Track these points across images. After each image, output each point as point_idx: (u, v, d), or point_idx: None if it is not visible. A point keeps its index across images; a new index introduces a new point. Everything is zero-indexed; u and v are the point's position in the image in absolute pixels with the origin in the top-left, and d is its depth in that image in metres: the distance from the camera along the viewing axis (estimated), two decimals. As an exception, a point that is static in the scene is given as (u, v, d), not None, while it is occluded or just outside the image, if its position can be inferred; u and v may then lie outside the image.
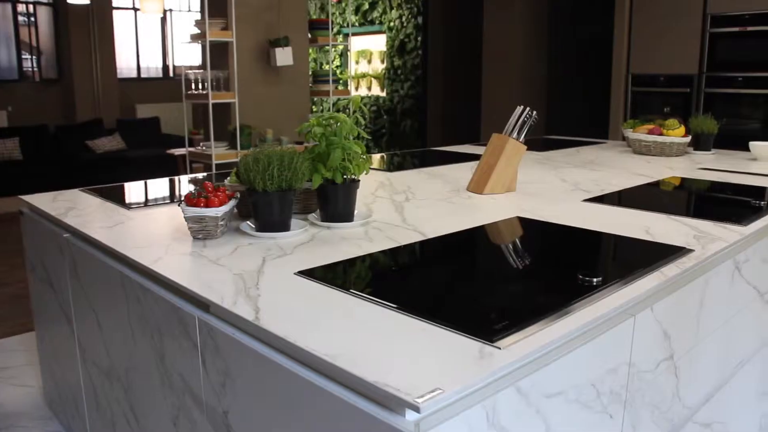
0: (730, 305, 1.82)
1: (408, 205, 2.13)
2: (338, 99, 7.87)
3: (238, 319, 1.21)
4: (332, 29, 5.59)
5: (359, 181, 1.88)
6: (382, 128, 8.26)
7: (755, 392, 2.27)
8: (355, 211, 1.90)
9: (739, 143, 3.77)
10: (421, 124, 7.68)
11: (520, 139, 2.31)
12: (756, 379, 2.24)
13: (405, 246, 1.63)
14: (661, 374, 1.48)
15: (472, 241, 1.71)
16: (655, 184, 2.61)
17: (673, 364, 1.54)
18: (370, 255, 1.55)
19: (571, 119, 6.97)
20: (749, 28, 5.09)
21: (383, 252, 1.58)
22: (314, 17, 7.91)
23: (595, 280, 1.33)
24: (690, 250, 1.60)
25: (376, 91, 8.46)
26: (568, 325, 1.13)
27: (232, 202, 1.78)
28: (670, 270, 1.45)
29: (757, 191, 2.56)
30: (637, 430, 1.43)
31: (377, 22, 8.27)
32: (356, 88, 8.71)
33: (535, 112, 2.33)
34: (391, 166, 3.06)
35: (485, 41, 6.61)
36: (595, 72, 6.74)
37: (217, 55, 4.85)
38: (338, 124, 1.85)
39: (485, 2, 6.58)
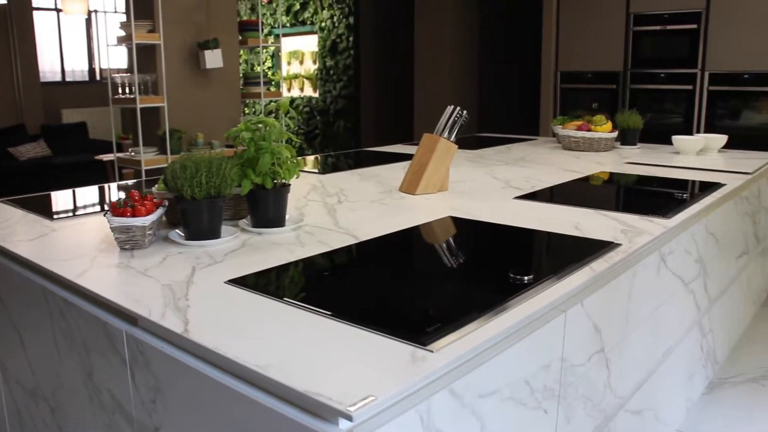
0: (656, 296, 1.87)
1: (340, 208, 2.11)
2: (270, 101, 7.80)
3: (167, 332, 1.18)
4: (262, 30, 5.53)
5: (290, 185, 1.86)
6: (316, 129, 8.22)
7: (682, 378, 2.34)
8: (287, 216, 1.88)
9: (663, 137, 3.88)
10: (354, 125, 7.68)
11: (451, 139, 2.32)
12: (682, 365, 2.32)
13: (337, 250, 1.62)
14: (592, 367, 1.51)
15: (405, 243, 1.71)
16: (584, 180, 2.66)
17: (604, 357, 1.57)
18: (302, 260, 1.54)
19: (504, 117, 7.07)
20: (669, 27, 5.25)
21: (315, 257, 1.56)
22: (245, 18, 7.80)
23: (526, 278, 1.34)
24: (618, 245, 1.64)
25: (309, 91, 8.41)
26: (500, 325, 1.14)
27: (160, 211, 1.74)
28: (599, 265, 1.48)
29: (681, 184, 2.64)
30: (571, 424, 1.45)
31: (308, 22, 8.23)
32: (289, 90, 8.64)
33: (465, 112, 2.34)
34: (324, 168, 3.04)
35: (416, 40, 6.65)
36: (526, 69, 6.85)
37: (144, 57, 4.74)
38: (267, 128, 1.82)
39: (416, 3, 6.61)
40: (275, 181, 1.82)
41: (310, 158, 3.41)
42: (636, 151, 3.63)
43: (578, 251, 1.56)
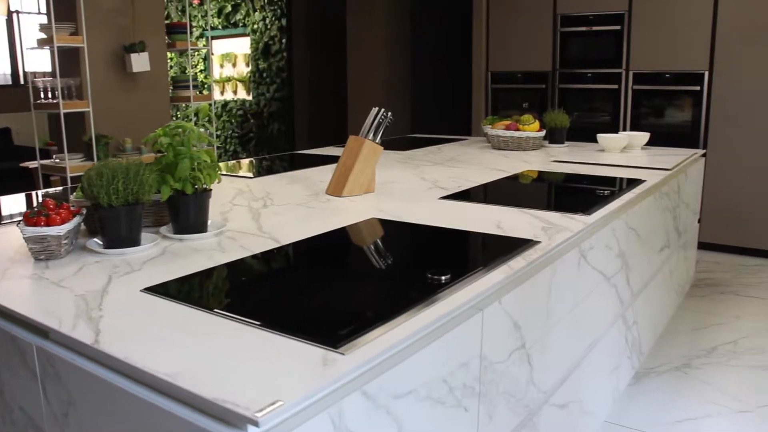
0: (578, 291, 1.92)
1: (265, 212, 2.10)
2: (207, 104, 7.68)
3: (78, 344, 1.15)
4: (191, 33, 5.45)
5: (211, 190, 1.84)
6: (250, 132, 8.14)
7: (607, 369, 2.40)
8: (209, 221, 1.86)
9: (592, 136, 3.97)
10: (288, 127, 7.63)
11: (377, 141, 2.33)
12: (607, 357, 2.37)
13: (257, 255, 1.61)
14: (514, 363, 1.53)
15: (325, 246, 1.71)
16: (510, 179, 2.70)
17: (526, 353, 1.59)
18: (221, 266, 1.52)
19: (438, 117, 7.13)
20: (594, 28, 5.38)
21: (234, 262, 1.55)
22: (176, 20, 7.66)
23: (443, 277, 1.35)
24: (537, 242, 1.67)
25: (242, 94, 8.32)
26: (414, 325, 1.15)
27: (77, 219, 1.69)
28: (517, 263, 1.50)
29: (603, 181, 2.71)
30: (493, 420, 1.47)
31: (241, 24, 8.14)
32: (222, 93, 8.54)
33: (390, 113, 2.35)
34: (253, 171, 3.01)
35: (349, 42, 6.65)
36: (459, 70, 6.92)
37: (67, 61, 4.61)
38: (186, 132, 1.79)
39: (347, 3, 6.61)
40: (196, 187, 1.80)
41: (240, 162, 3.37)
42: (563, 149, 3.70)
43: (498, 250, 1.58)
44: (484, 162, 3.15)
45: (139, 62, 4.74)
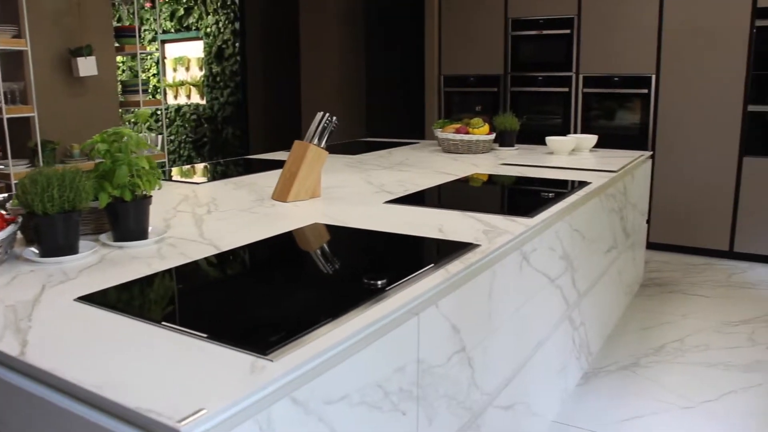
0: (520, 293, 1.93)
1: (209, 218, 2.08)
2: (157, 109, 7.59)
3: (3, 356, 1.12)
4: (140, 36, 5.37)
5: (151, 196, 1.81)
6: (204, 137, 8.06)
7: (554, 370, 2.43)
8: (150, 228, 1.83)
9: (543, 138, 4.01)
10: (243, 132, 7.57)
11: (322, 145, 2.32)
12: (554, 358, 2.40)
13: (196, 262, 1.59)
14: (454, 367, 1.54)
15: (265, 252, 1.70)
16: (458, 182, 2.72)
17: (466, 356, 1.60)
18: (158, 274, 1.49)
19: (393, 121, 7.14)
20: (545, 32, 5.45)
21: (172, 270, 1.53)
22: (126, 24, 7.57)
23: (379, 282, 1.35)
24: (477, 245, 1.68)
25: (196, 99, 8.24)
26: (345, 331, 1.14)
27: (11, 228, 1.66)
28: (455, 267, 1.51)
29: (549, 183, 2.74)
30: (434, 423, 1.47)
31: (194, 28, 8.06)
32: (175, 97, 8.44)
33: (335, 118, 2.35)
34: (200, 177, 2.98)
35: (302, 46, 6.63)
36: (412, 74, 6.95)
37: (10, 64, 4.51)
38: (124, 139, 1.77)
39: (300, 7, 6.59)
40: (135, 194, 1.77)
41: (188, 167, 3.34)
42: (513, 152, 3.74)
43: (437, 254, 1.59)
44: (433, 165, 3.16)
45: (86, 66, 4.66)
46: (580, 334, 2.73)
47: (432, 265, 1.49)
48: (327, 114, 2.34)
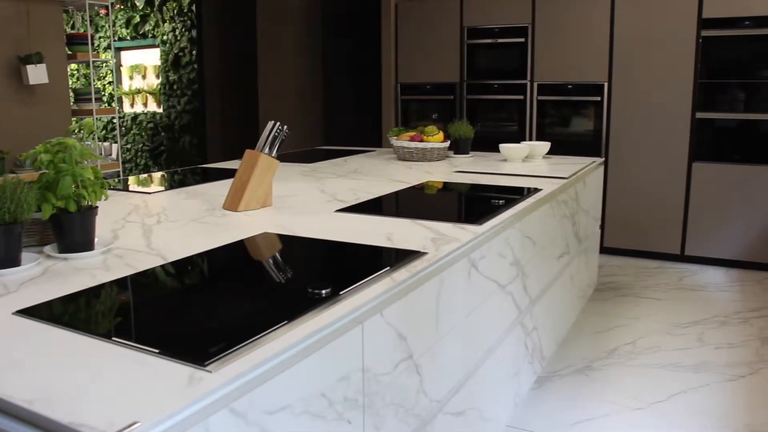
0: (469, 300, 1.95)
1: (158, 228, 2.06)
2: (112, 118, 7.49)
3: (-65, 372, 1.10)
4: (92, 43, 5.30)
5: (97, 207, 1.79)
6: (161, 146, 7.97)
7: (507, 375, 2.45)
8: (96, 239, 1.81)
9: (498, 146, 4.05)
10: (200, 140, 7.51)
11: (273, 154, 2.32)
12: (506, 363, 2.42)
13: (141, 273, 1.57)
14: (401, 374, 1.54)
15: (211, 262, 1.69)
16: (410, 190, 2.73)
17: (414, 363, 1.61)
18: (101, 286, 1.48)
19: (351, 129, 7.15)
20: (500, 40, 5.52)
21: (116, 281, 1.51)
22: (82, 30, 7.47)
23: (324, 291, 1.36)
24: (424, 253, 1.69)
25: (153, 107, 8.15)
26: (286, 341, 1.15)
27: (-50, 240, 1.62)
28: (401, 275, 1.52)
29: (500, 190, 2.77)
30: (381, 431, 1.48)
31: (150, 35, 7.99)
32: (132, 105, 8.34)
33: (285, 127, 2.35)
34: (153, 186, 2.95)
35: (260, 53, 6.60)
36: (370, 82, 6.97)
37: (-40, 74, 4.42)
38: (68, 149, 1.75)
39: (258, 15, 6.57)
40: (80, 204, 1.75)
41: (141, 176, 3.30)
42: (468, 159, 3.77)
43: (383, 262, 1.60)
44: (387, 173, 3.18)
45: (36, 74, 4.58)
46: (533, 339, 2.76)
47: (378, 273, 1.49)
48: (278, 123, 2.34)
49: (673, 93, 5.01)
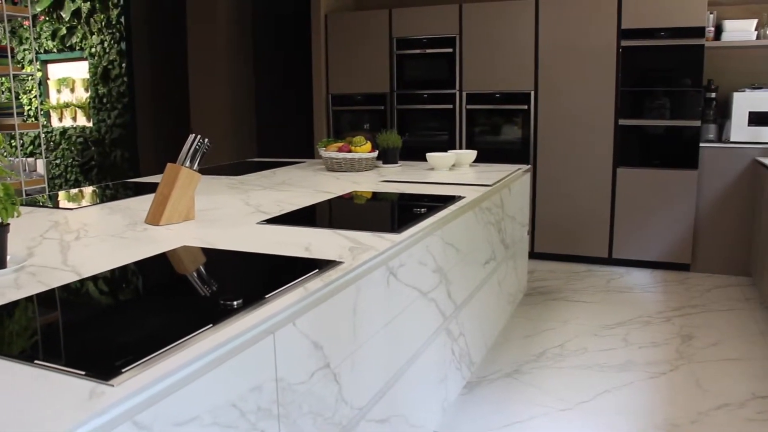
0: (390, 308, 1.98)
1: (76, 245, 2.03)
2: (39, 133, 7.31)
3: None
4: (13, 56, 5.17)
5: (8, 225, 1.76)
6: (91, 160, 7.81)
7: (433, 381, 2.49)
8: (9, 257, 1.78)
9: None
10: (132, 154, 7.39)
11: (194, 168, 2.32)
12: (432, 369, 2.46)
13: (53, 290, 1.55)
14: (317, 383, 1.56)
15: (126, 277, 1.68)
16: (335, 200, 2.76)
17: (331, 372, 1.63)
18: (9, 304, 1.45)
19: (284, 140, 7.14)
20: (428, 51, 5.60)
21: (27, 299, 1.49)
22: (3, 43, 7.27)
23: (235, 303, 1.37)
24: (339, 263, 1.71)
25: (83, 121, 7.99)
26: (194, 352, 1.15)
27: None
28: (314, 284, 1.54)
29: (425, 198, 2.82)
30: (299, 441, 1.49)
31: (77, 48, 7.83)
32: (60, 119, 8.15)
33: (207, 140, 2.35)
34: (75, 202, 2.90)
35: (190, 65, 6.55)
36: (302, 93, 6.97)
37: None
38: (-24, 165, 1.71)
39: (188, 28, 6.52)
40: (-10, 222, 1.72)
41: (66, 192, 3.24)
42: (396, 169, 3.82)
43: (298, 272, 1.61)
44: (314, 184, 3.20)
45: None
46: (460, 344, 2.81)
47: (291, 283, 1.51)
48: (198, 136, 2.34)
49: (596, 101, 5.17)
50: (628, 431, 2.80)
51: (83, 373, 1.06)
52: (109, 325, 1.32)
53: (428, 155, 3.72)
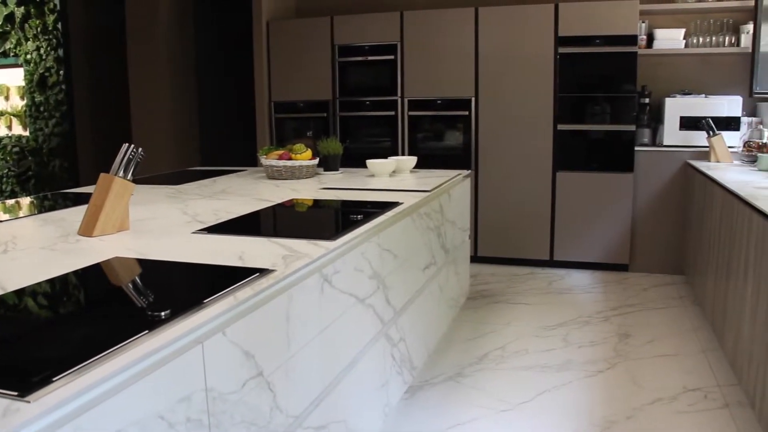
0: (325, 315, 1.99)
1: (2, 258, 1.99)
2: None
3: None
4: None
5: (-71, 238, 1.72)
6: (28, 170, 7.62)
7: (374, 386, 2.50)
8: (-70, 272, 1.73)
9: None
10: (71, 164, 7.24)
11: (128, 177, 2.29)
12: (372, 375, 2.48)
13: (-25, 305, 1.52)
14: (250, 392, 1.56)
15: (53, 290, 1.65)
16: (273, 208, 2.75)
17: (265, 380, 1.63)
18: (-71, 320, 1.42)
19: (228, 148, 7.09)
20: (370, 58, 5.64)
21: (-54, 315, 1.46)
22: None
23: (163, 313, 1.36)
24: (271, 271, 1.72)
25: (18, 130, 7.79)
26: (117, 364, 1.14)
27: None
28: (244, 293, 1.54)
29: (364, 205, 2.84)
30: (232, 450, 1.49)
31: (12, 54, 7.63)
32: (-5, 128, 7.95)
33: (141, 149, 2.33)
34: (6, 214, 2.84)
35: (131, 75, 6.45)
36: (245, 101, 6.94)
37: None
38: None
39: (127, 35, 6.42)
40: None
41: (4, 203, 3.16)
42: (337, 176, 3.83)
43: (228, 281, 1.61)
44: (254, 193, 3.19)
45: None
46: (401, 349, 2.83)
47: (221, 293, 1.51)
48: (132, 146, 2.32)
49: (536, 106, 5.27)
50: (566, 430, 2.86)
51: None
52: (29, 340, 1.30)
53: (368, 162, 3.74)
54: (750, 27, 5.15)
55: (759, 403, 2.70)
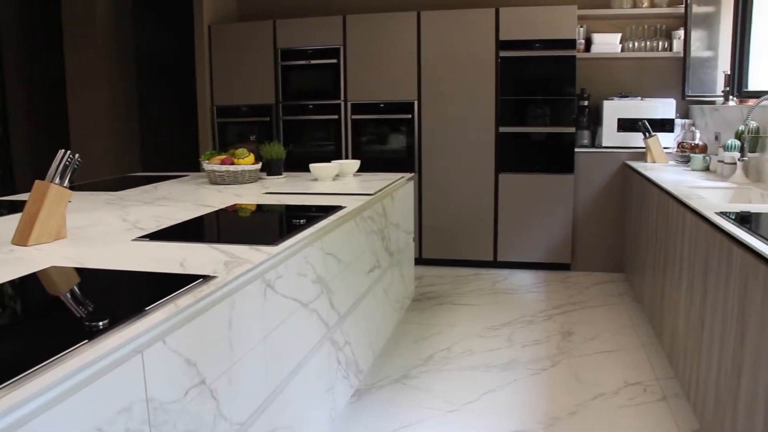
0: (268, 320, 1.98)
1: (-69, 270, 1.92)
2: None
3: None
4: None
5: None
6: (-40, 178, 7.38)
7: (319, 391, 2.50)
8: None
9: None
10: (6, 170, 7.03)
11: (64, 184, 2.24)
12: (318, 380, 2.47)
13: None
14: (192, 401, 1.55)
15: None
16: (215, 214, 2.73)
17: (207, 388, 1.62)
18: None
19: (171, 154, 6.99)
20: (313, 61, 5.63)
21: None
22: None
23: (101, 323, 1.33)
24: (213, 277, 1.70)
25: (-51, 136, 7.53)
26: (51, 378, 1.12)
27: None
28: (185, 300, 1.52)
29: (306, 209, 2.83)
30: (174, 460, 1.47)
31: (-58, 60, 7.38)
32: (-76, 135, 7.65)
33: (78, 155, 2.28)
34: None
35: (69, 81, 6.30)
36: (188, 106, 6.85)
37: None
38: None
39: (64, 36, 6.27)
40: None
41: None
42: (280, 180, 3.81)
43: (168, 289, 1.58)
44: (196, 198, 3.15)
45: None
46: (346, 353, 2.83)
47: (161, 301, 1.49)
48: (68, 152, 2.26)
49: (478, 109, 5.34)
50: (511, 428, 2.90)
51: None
52: (-38, 354, 1.26)
53: (311, 166, 3.73)
54: (681, 33, 5.32)
55: (693, 394, 2.78)
